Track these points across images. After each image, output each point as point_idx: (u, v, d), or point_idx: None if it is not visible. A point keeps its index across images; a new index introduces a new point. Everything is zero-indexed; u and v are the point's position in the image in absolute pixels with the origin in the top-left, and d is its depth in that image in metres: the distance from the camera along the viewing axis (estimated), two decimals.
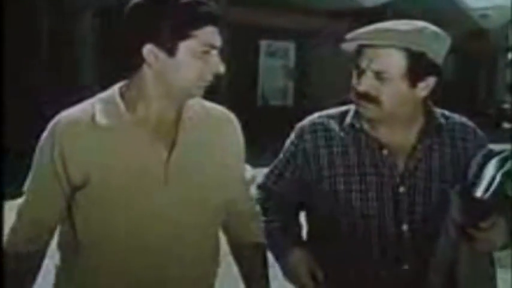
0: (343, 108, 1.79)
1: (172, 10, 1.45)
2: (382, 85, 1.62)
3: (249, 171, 1.71)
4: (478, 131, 1.80)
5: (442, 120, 1.73)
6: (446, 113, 1.80)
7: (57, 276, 1.63)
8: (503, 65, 26.00)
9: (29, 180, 1.57)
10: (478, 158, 1.66)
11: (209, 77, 1.50)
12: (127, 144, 1.49)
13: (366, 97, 1.63)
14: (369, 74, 1.63)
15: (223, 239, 1.71)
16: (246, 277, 1.73)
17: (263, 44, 16.83)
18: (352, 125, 1.72)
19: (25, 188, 1.58)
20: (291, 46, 17.39)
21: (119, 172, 1.49)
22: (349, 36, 1.68)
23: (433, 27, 1.68)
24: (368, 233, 1.68)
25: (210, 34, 1.47)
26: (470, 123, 1.81)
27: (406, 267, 1.68)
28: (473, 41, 23.43)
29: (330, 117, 1.79)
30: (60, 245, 1.61)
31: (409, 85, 1.63)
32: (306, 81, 16.82)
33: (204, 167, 1.55)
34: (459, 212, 1.59)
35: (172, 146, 1.51)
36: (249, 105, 15.94)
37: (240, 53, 15.79)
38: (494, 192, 1.55)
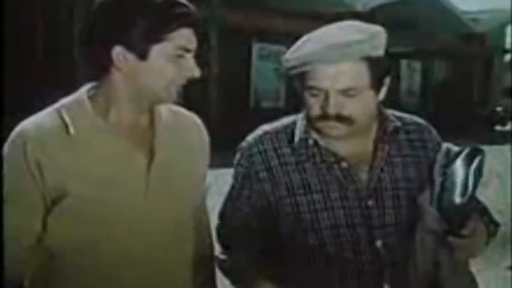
0: (287, 120, 1.66)
1: (145, 10, 1.35)
2: (351, 102, 1.50)
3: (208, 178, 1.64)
4: (431, 127, 1.68)
5: (398, 123, 1.61)
6: (397, 113, 1.67)
7: None
8: (499, 67, 26.14)
9: (6, 197, 1.37)
10: (440, 159, 1.55)
11: (182, 82, 1.42)
12: (103, 152, 1.41)
13: (338, 118, 1.50)
14: (334, 94, 1.49)
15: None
16: None
17: (255, 46, 16.87)
18: (305, 140, 1.58)
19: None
20: (283, 49, 17.42)
21: (96, 183, 1.39)
22: (295, 56, 1.52)
23: (368, 24, 1.56)
24: (341, 254, 1.55)
25: (185, 37, 1.38)
26: (421, 120, 1.69)
27: (387, 287, 1.55)
28: (465, 44, 23.57)
29: (276, 132, 1.63)
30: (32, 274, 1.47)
31: (375, 93, 1.54)
32: None
33: (180, 172, 1.49)
34: (436, 220, 1.49)
35: (151, 153, 1.44)
36: (241, 107, 15.97)
37: (232, 56, 15.82)
38: (472, 193, 1.48)
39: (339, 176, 1.56)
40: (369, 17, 14.61)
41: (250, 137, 1.66)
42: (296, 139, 1.60)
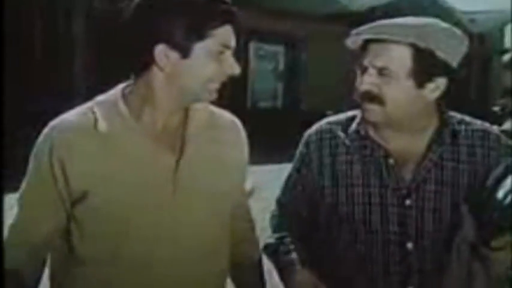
0: (351, 113, 1.66)
1: (188, 7, 1.34)
2: (385, 83, 1.48)
3: (249, 182, 1.63)
4: (504, 138, 1.62)
5: (457, 127, 1.58)
6: (467, 118, 1.64)
7: None
8: (498, 67, 26.16)
9: (24, 190, 1.45)
10: (498, 170, 1.49)
11: (222, 79, 1.41)
12: (132, 153, 1.39)
13: (369, 96, 1.50)
14: (372, 71, 1.49)
15: None
16: None
17: (252, 46, 16.84)
18: (357, 132, 1.59)
19: (18, 198, 1.46)
20: (280, 49, 17.41)
21: (123, 183, 1.38)
22: (354, 31, 1.53)
23: (445, 24, 1.53)
24: (371, 250, 1.55)
25: (227, 34, 1.38)
26: (494, 130, 1.63)
27: None
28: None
29: (337, 123, 1.65)
30: (52, 274, 1.50)
31: (416, 85, 1.49)
32: (295, 83, 16.86)
33: (210, 172, 1.46)
34: (473, 230, 1.45)
35: (180, 155, 1.42)
36: (238, 107, 15.97)
37: None
38: (508, 208, 1.42)
39: (382, 172, 1.55)
40: (365, 16, 14.62)
41: (313, 126, 1.69)
42: (350, 130, 1.61)
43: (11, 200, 1.57)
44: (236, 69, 1.41)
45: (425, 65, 1.48)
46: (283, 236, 1.68)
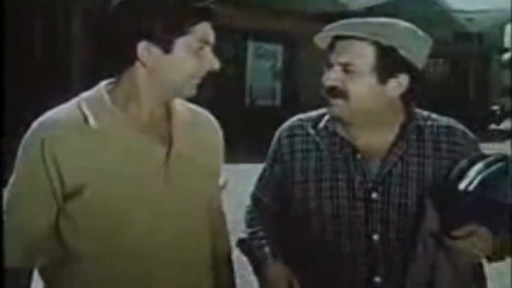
0: (322, 111, 1.69)
1: (169, 5, 1.39)
2: (349, 79, 1.54)
3: (221, 177, 1.65)
4: (469, 134, 1.67)
5: (422, 122, 1.63)
6: (433, 115, 1.68)
7: None
8: (497, 67, 26.20)
9: (13, 187, 1.45)
10: (462, 163, 1.55)
11: (202, 74, 1.46)
12: (123, 145, 1.43)
13: (334, 92, 1.55)
14: (337, 68, 1.55)
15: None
16: None
17: (251, 45, 16.88)
18: (326, 128, 1.65)
19: (6, 196, 1.45)
20: (278, 48, 17.44)
21: (117, 175, 1.41)
22: (322, 30, 1.60)
23: (409, 24, 1.60)
24: (339, 242, 1.59)
25: (206, 30, 1.43)
26: (459, 125, 1.67)
27: (377, 279, 1.58)
28: (462, 43, 23.63)
29: (308, 120, 1.70)
30: (41, 269, 1.50)
31: (378, 81, 1.54)
32: (293, 82, 16.89)
33: (195, 166, 1.51)
34: (435, 220, 1.50)
35: (169, 146, 1.46)
36: (237, 106, 15.98)
37: (228, 55, 15.82)
38: (477, 191, 1.47)
39: (350, 167, 1.60)
40: (364, 16, 14.63)
41: (285, 123, 1.73)
42: (319, 127, 1.66)
43: None
44: (215, 64, 1.46)
45: (388, 62, 1.53)
46: (256, 230, 1.73)
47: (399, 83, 1.57)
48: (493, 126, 22.91)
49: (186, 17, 1.40)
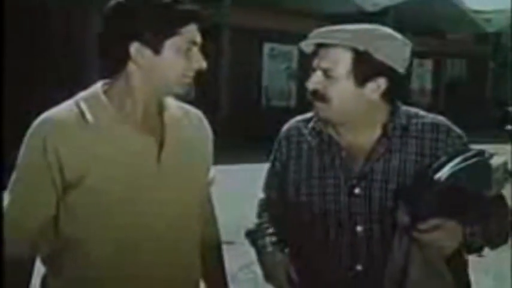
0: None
1: (157, 9, 1.48)
2: (329, 83, 1.64)
3: (212, 171, 1.76)
4: (454, 130, 1.73)
5: (407, 121, 1.70)
6: (422, 113, 1.75)
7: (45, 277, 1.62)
8: None
9: (17, 181, 1.54)
10: (443, 158, 1.61)
11: (191, 73, 1.55)
12: (119, 140, 1.53)
13: (316, 95, 1.66)
14: (318, 73, 1.66)
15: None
16: (205, 278, 1.77)
17: (266, 46, 16.91)
18: (314, 128, 1.76)
19: (9, 189, 1.55)
20: (294, 49, 17.45)
21: (113, 168, 1.51)
22: (308, 36, 1.70)
23: (385, 29, 1.68)
24: (327, 236, 1.71)
25: (193, 31, 1.52)
26: (445, 122, 1.74)
27: (359, 267, 1.68)
28: (479, 44, 23.49)
29: (303, 121, 1.82)
30: (43, 257, 1.59)
31: (356, 84, 1.64)
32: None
33: (187, 159, 1.62)
34: (404, 213, 1.57)
35: (161, 141, 1.57)
36: (252, 106, 16.02)
37: (243, 56, 15.87)
38: (446, 182, 1.52)
39: (336, 164, 1.71)
40: (379, 16, 14.59)
41: (286, 125, 1.87)
42: (309, 127, 1.78)
43: None
44: (203, 64, 1.55)
45: (364, 67, 1.63)
46: (261, 222, 1.89)
47: (377, 85, 1.65)
48: (509, 127, 22.74)
49: (174, 19, 1.50)
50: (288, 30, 15.76)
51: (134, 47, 1.49)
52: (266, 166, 1.91)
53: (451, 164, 1.57)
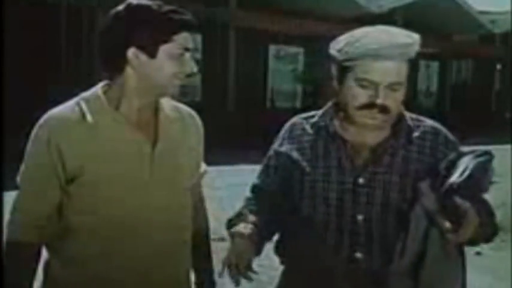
0: (322, 110, 1.90)
1: (153, 18, 1.63)
2: (393, 96, 1.71)
3: (202, 166, 1.91)
4: (450, 137, 1.84)
5: (412, 123, 1.82)
6: (421, 118, 1.86)
7: (46, 265, 1.76)
8: None
9: (25, 172, 1.71)
10: (451, 156, 1.72)
11: (183, 76, 1.68)
12: (114, 137, 1.67)
13: (382, 109, 1.71)
14: (383, 87, 1.70)
15: None
16: (194, 268, 1.91)
17: (272, 48, 16.95)
18: (316, 123, 1.85)
19: (19, 179, 1.71)
20: (300, 51, 17.49)
21: (109, 162, 1.65)
22: (353, 50, 1.72)
23: (413, 33, 1.78)
24: (328, 223, 1.77)
25: (186, 38, 1.66)
26: (442, 128, 1.85)
27: (358, 255, 1.74)
28: (485, 45, 23.44)
29: (306, 118, 1.92)
30: (47, 242, 1.74)
31: (405, 89, 1.75)
32: (314, 84, 16.91)
33: (179, 155, 1.76)
34: (433, 202, 1.64)
35: (155, 139, 1.71)
36: (258, 107, 16.06)
37: (249, 57, 15.91)
38: (468, 180, 1.61)
39: (341, 155, 1.79)
40: (386, 18, 14.60)
41: (287, 122, 1.95)
42: (313, 122, 1.87)
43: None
44: (194, 68, 1.69)
45: (408, 72, 1.74)
46: (241, 212, 1.90)
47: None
48: None
49: (168, 28, 1.63)
50: (294, 32, 15.80)
51: (131, 52, 1.63)
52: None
53: (466, 159, 1.67)
